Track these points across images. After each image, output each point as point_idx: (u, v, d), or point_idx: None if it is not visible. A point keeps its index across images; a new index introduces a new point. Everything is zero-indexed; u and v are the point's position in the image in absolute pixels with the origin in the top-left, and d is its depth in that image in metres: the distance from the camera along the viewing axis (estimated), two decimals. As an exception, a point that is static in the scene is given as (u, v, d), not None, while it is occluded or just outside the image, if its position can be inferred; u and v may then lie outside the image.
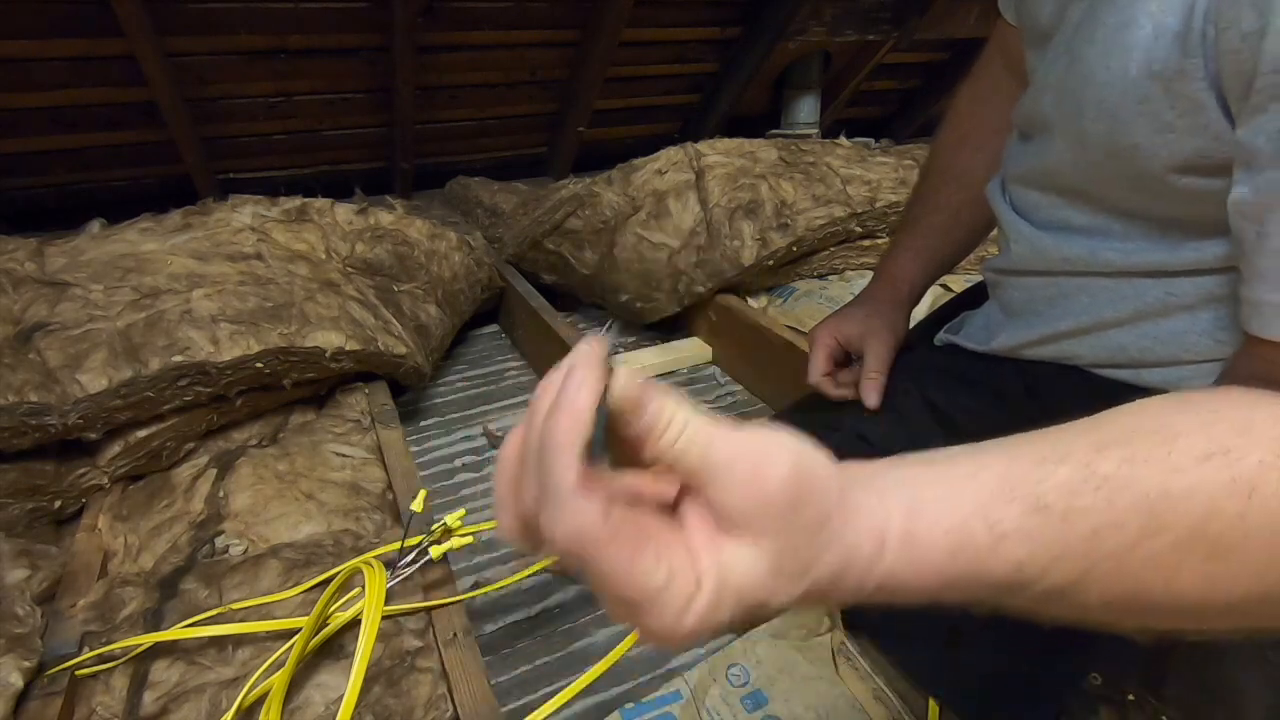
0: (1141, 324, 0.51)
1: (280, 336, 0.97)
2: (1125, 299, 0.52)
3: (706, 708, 0.63)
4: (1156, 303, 0.50)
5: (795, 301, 1.44)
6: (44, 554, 0.82)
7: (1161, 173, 0.44)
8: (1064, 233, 0.54)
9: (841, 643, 0.69)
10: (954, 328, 0.70)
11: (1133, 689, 0.56)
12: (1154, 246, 0.49)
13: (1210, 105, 0.40)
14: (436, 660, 0.70)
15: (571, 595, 0.91)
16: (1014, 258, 0.58)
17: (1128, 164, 0.46)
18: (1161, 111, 0.42)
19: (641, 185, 1.46)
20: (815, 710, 0.64)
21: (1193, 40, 0.39)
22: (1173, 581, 0.28)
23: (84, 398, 0.85)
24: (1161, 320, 0.51)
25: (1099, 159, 0.48)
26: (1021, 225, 0.57)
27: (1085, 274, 0.53)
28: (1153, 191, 0.46)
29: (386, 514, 0.90)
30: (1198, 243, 0.47)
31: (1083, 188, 0.52)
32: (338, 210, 1.28)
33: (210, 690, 0.67)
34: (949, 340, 0.68)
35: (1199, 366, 0.50)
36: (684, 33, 2.13)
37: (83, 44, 1.51)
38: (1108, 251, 0.51)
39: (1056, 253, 0.54)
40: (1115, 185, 0.49)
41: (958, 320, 0.70)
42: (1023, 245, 0.57)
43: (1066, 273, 0.54)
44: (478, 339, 1.58)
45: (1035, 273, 0.57)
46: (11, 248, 1.01)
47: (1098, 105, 0.46)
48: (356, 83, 1.87)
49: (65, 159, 1.75)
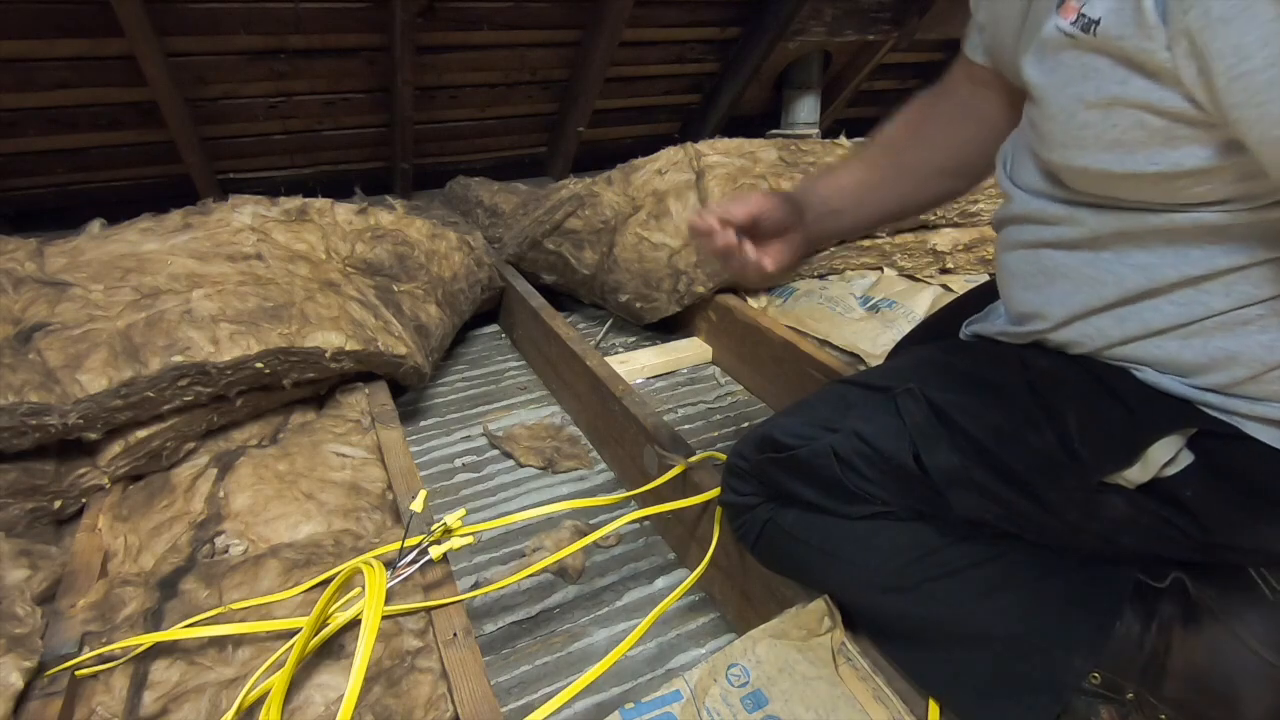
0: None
1: (280, 336, 0.97)
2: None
3: (706, 708, 0.63)
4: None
5: (795, 301, 1.44)
6: (44, 554, 0.82)
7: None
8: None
9: (841, 643, 0.69)
10: (978, 320, 0.71)
11: (1132, 689, 0.56)
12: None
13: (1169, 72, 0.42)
14: (436, 660, 0.70)
15: (571, 595, 0.91)
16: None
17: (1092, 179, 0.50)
18: (1104, 132, 0.46)
19: (641, 185, 1.46)
20: (815, 710, 0.63)
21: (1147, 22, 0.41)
22: None
23: (84, 398, 0.85)
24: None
25: (1062, 173, 0.52)
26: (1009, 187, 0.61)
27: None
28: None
29: (386, 514, 0.90)
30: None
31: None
32: (338, 210, 1.28)
33: (210, 690, 0.67)
34: (974, 332, 0.69)
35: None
36: (684, 33, 2.13)
37: (83, 44, 1.51)
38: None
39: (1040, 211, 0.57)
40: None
41: (983, 313, 0.71)
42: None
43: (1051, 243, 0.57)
44: (478, 339, 1.58)
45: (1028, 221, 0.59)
46: (11, 248, 1.01)
47: (1050, 138, 0.51)
48: (356, 83, 1.88)
49: (65, 159, 1.75)
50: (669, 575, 0.95)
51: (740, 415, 1.30)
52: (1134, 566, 0.58)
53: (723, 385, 1.40)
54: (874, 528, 0.67)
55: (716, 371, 1.45)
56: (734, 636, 0.76)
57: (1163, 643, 0.56)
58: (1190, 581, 0.56)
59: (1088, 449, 0.53)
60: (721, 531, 0.84)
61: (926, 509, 0.64)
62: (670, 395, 1.37)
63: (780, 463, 0.70)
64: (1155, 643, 0.56)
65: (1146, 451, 0.51)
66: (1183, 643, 0.55)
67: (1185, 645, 0.55)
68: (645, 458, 1.01)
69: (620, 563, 0.97)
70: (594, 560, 0.97)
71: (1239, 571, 0.56)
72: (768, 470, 0.71)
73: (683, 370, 1.45)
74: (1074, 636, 0.57)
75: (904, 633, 0.66)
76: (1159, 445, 0.51)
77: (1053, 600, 0.59)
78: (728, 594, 0.87)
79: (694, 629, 0.87)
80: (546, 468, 1.15)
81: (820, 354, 1.21)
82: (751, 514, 0.75)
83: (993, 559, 0.62)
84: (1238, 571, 0.56)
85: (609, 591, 0.92)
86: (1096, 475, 0.53)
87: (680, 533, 0.96)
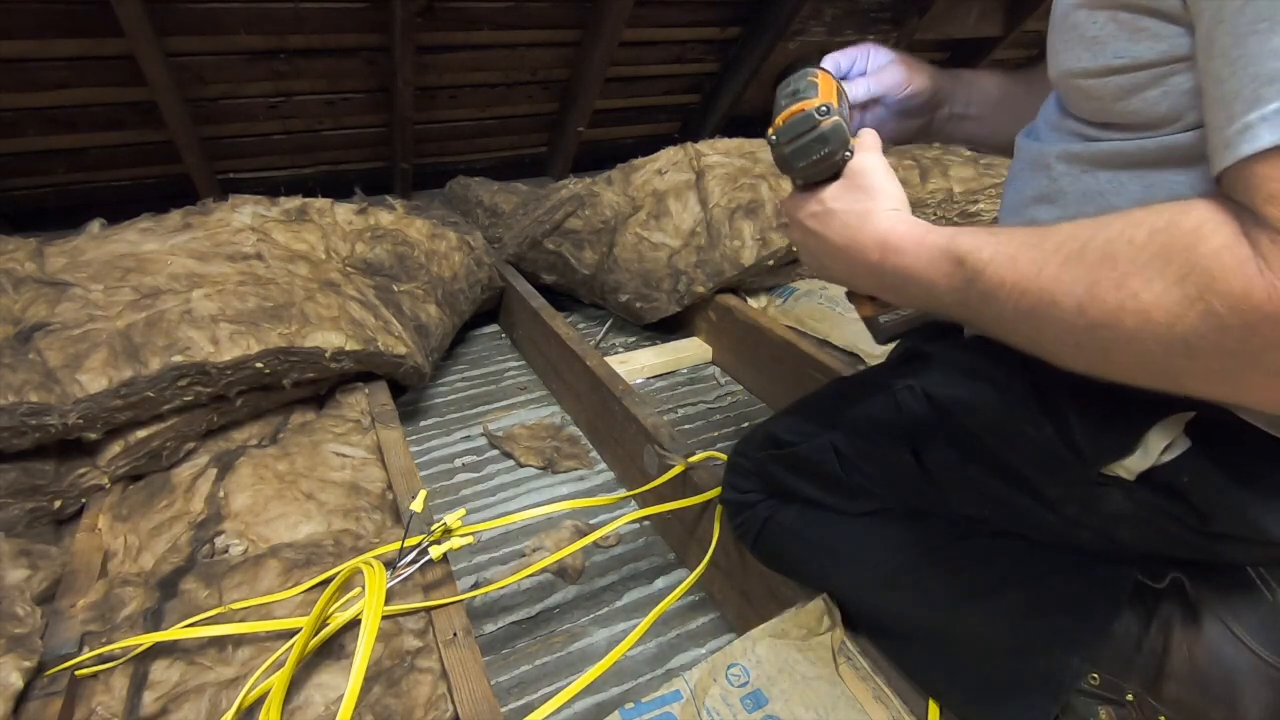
0: None
1: (280, 336, 0.97)
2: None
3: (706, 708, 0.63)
4: None
5: (795, 301, 1.44)
6: (44, 554, 0.82)
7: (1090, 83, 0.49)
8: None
9: (841, 643, 0.69)
10: None
11: (1132, 689, 0.56)
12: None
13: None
14: (436, 660, 0.70)
15: (571, 595, 0.91)
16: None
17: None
18: (1086, 29, 0.48)
19: (641, 185, 1.46)
20: (815, 710, 0.63)
21: None
22: (1060, 287, 0.42)
23: (84, 398, 0.85)
24: None
25: (1058, 85, 0.53)
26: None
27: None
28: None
29: (386, 514, 0.90)
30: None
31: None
32: (338, 210, 1.28)
33: (210, 690, 0.67)
34: (976, 331, 0.68)
35: None
36: (684, 33, 2.13)
37: (83, 44, 1.51)
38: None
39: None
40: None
41: None
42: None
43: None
44: (478, 339, 1.58)
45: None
46: (11, 248, 1.01)
47: (1051, 49, 0.52)
48: (356, 83, 1.87)
49: (65, 159, 1.75)
50: (669, 575, 0.95)
51: (740, 415, 1.30)
52: (1133, 567, 0.58)
53: (723, 385, 1.40)
54: (873, 525, 0.67)
55: (716, 371, 1.45)
56: (734, 636, 0.76)
57: (1162, 643, 0.56)
58: (1189, 582, 0.56)
59: (1088, 440, 0.53)
60: (721, 531, 0.84)
61: (926, 506, 0.64)
62: (670, 395, 1.37)
63: (781, 459, 0.70)
64: (1154, 643, 0.56)
65: (1146, 436, 0.51)
66: (1182, 643, 0.55)
67: (1185, 646, 0.55)
68: (645, 458, 1.01)
69: (620, 563, 0.97)
70: (594, 560, 0.97)
71: (1239, 572, 0.56)
72: (769, 467, 0.72)
73: (683, 370, 1.45)
74: (1073, 636, 0.57)
75: (903, 631, 0.66)
76: (1158, 430, 0.51)
77: (1052, 600, 0.59)
78: (727, 594, 0.87)
79: (694, 629, 0.87)
80: (546, 468, 1.15)
81: (820, 354, 1.21)
82: (752, 511, 0.75)
83: (992, 558, 0.62)
84: (1237, 572, 0.56)
85: (609, 591, 0.92)
86: (1097, 466, 0.53)
87: (680, 533, 0.96)
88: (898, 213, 0.54)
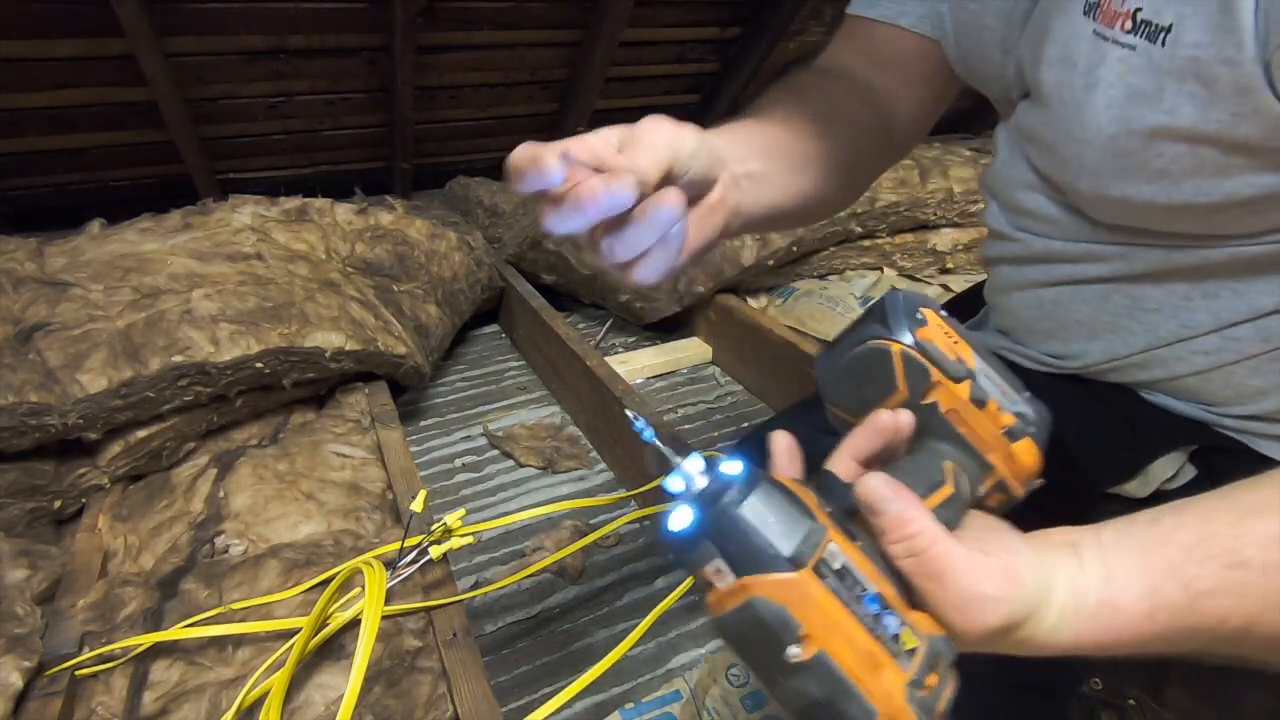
0: None
1: (280, 336, 0.97)
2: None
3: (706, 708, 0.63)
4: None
5: (795, 301, 1.44)
6: (44, 554, 0.82)
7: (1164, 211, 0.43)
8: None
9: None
10: (975, 325, 0.69)
11: (1134, 694, 0.56)
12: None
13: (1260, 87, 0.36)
14: (436, 660, 0.70)
15: (571, 595, 0.91)
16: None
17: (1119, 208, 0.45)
18: (1149, 160, 0.41)
19: (642, 185, 1.46)
20: (815, 711, 0.64)
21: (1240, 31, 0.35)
22: None
23: (84, 398, 0.85)
24: None
25: (1090, 203, 0.47)
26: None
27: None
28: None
29: (386, 514, 0.90)
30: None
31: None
32: (338, 210, 1.28)
33: (210, 690, 0.67)
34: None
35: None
36: (684, 33, 2.13)
37: (83, 44, 1.51)
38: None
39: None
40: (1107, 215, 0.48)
41: (978, 318, 0.69)
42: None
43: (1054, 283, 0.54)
44: (478, 339, 1.58)
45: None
46: (11, 248, 1.01)
47: (1078, 161, 0.44)
48: (356, 83, 1.87)
49: (65, 159, 1.75)
50: (669, 575, 0.95)
51: (740, 415, 1.30)
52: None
53: (723, 385, 1.40)
54: None
55: (716, 371, 1.45)
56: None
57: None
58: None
59: (1088, 461, 0.53)
60: (721, 532, 0.84)
61: None
62: (670, 395, 1.37)
63: None
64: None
65: (1149, 467, 0.51)
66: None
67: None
68: (645, 458, 1.01)
69: (620, 563, 0.97)
70: (594, 560, 0.97)
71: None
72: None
73: (683, 370, 1.45)
74: None
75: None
76: (1162, 461, 0.51)
77: None
78: (728, 594, 0.87)
79: (694, 629, 0.87)
80: (546, 468, 1.15)
81: (820, 354, 1.21)
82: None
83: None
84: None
85: (609, 591, 0.92)
86: (1097, 488, 0.53)
87: (680, 533, 0.96)
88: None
